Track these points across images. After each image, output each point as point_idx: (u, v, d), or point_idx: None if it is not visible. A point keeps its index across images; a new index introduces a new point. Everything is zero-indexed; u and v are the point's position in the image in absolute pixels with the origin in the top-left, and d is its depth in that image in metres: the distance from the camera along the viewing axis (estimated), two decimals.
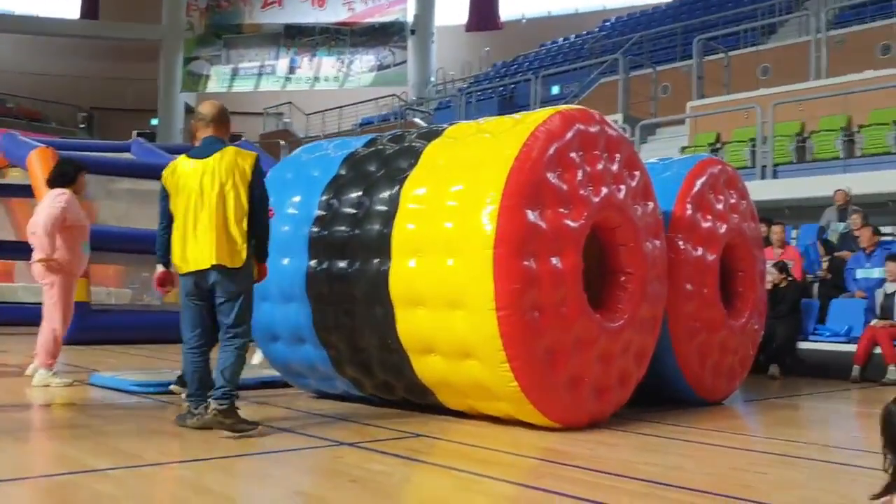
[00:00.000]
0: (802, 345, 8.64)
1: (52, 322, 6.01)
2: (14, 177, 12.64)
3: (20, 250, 13.51)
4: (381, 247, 4.68)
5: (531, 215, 4.29)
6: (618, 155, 4.85)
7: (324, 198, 5.13)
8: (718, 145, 13.23)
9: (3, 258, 14.27)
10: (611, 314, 4.73)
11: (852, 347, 8.11)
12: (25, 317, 12.34)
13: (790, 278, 8.77)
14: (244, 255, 4.23)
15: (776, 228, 9.70)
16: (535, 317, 4.24)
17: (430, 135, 5.05)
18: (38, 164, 10.09)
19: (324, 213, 5.09)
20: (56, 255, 5.90)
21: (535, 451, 3.98)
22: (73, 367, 6.94)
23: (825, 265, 9.32)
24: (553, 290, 4.30)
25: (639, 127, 14.13)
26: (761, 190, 11.24)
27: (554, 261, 4.34)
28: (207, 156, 4.32)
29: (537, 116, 4.61)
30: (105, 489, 3.00)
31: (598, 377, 4.56)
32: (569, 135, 4.54)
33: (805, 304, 8.89)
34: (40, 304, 6.18)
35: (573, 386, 4.43)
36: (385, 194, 4.83)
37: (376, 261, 4.73)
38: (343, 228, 4.94)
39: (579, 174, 4.55)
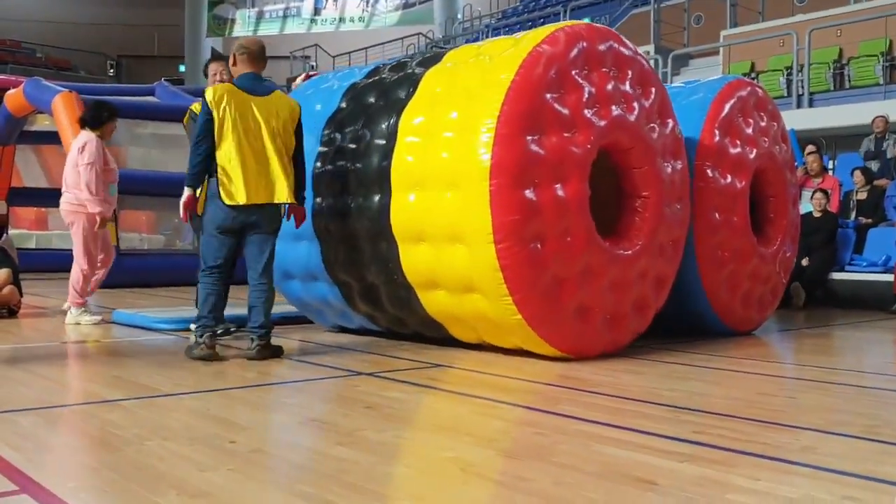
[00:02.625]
0: (838, 275, 8.43)
1: (79, 262, 6.08)
2: (44, 124, 12.65)
3: (53, 197, 13.68)
4: (382, 181, 4.56)
5: (530, 142, 4.10)
6: (630, 72, 4.59)
7: (326, 132, 5.01)
8: (753, 75, 12.82)
9: (36, 205, 14.43)
10: (624, 241, 4.56)
11: (890, 277, 7.89)
12: (60, 262, 12.54)
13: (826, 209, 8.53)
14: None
15: (811, 158, 9.41)
16: (538, 248, 4.10)
17: (431, 61, 4.85)
18: (62, 108, 10.07)
19: (326, 148, 4.97)
20: (82, 197, 5.94)
21: (554, 378, 3.90)
22: (101, 307, 6.98)
23: (864, 195, 9.03)
24: (556, 219, 4.12)
25: (671, 58, 13.72)
26: (798, 119, 10.90)
27: (557, 189, 4.15)
28: (265, 94, 4.36)
29: (538, 34, 4.36)
30: (114, 418, 2.98)
31: (611, 306, 4.42)
32: (573, 53, 4.30)
33: (841, 234, 8.65)
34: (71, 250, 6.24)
35: (582, 316, 4.29)
36: (383, 126, 4.68)
37: (377, 196, 4.61)
38: (344, 163, 4.82)
39: (585, 95, 4.32)
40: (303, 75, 5.58)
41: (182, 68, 29.03)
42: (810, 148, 9.54)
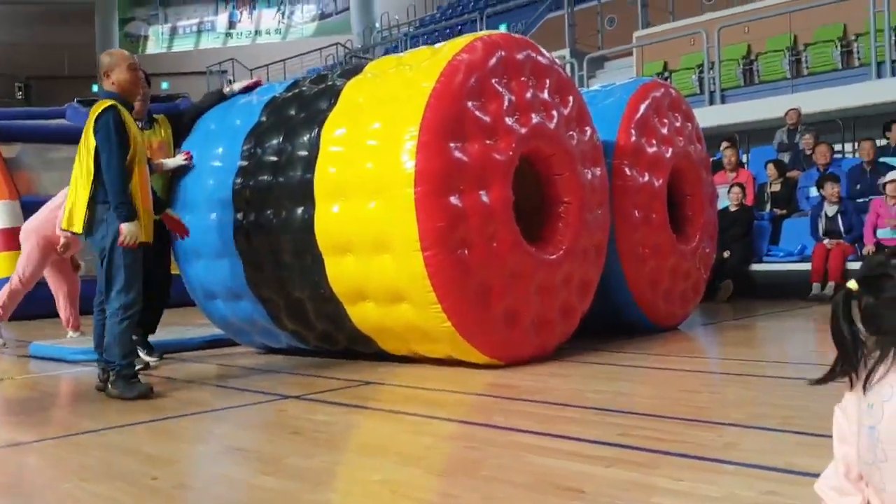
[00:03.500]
0: (756, 266, 8.68)
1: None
2: None
3: None
4: (305, 194, 4.50)
5: (453, 149, 4.11)
6: (547, 81, 4.66)
7: (246, 147, 4.92)
8: (666, 74, 13.12)
9: None
10: (549, 246, 4.61)
11: (806, 266, 8.15)
12: None
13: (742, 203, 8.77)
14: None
15: (728, 152, 9.68)
16: (464, 254, 4.10)
17: (351, 72, 4.84)
18: None
19: (246, 162, 4.88)
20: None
21: (484, 387, 3.90)
22: (17, 341, 6.71)
23: (777, 187, 9.32)
24: (482, 225, 4.15)
25: (586, 60, 13.95)
26: (711, 115, 11.20)
27: (481, 195, 4.17)
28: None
29: (456, 44, 4.40)
30: (29, 461, 2.85)
31: (537, 311, 4.46)
32: (491, 62, 4.34)
33: (757, 226, 8.91)
34: None
35: (510, 321, 4.32)
36: (305, 138, 4.63)
37: (301, 209, 4.55)
38: (266, 177, 4.75)
39: (505, 103, 4.36)
40: (241, 84, 5.43)
41: (95, 88, 28.24)
42: (725, 143, 9.82)
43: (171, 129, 5.17)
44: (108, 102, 4.03)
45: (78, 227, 4.02)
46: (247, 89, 5.35)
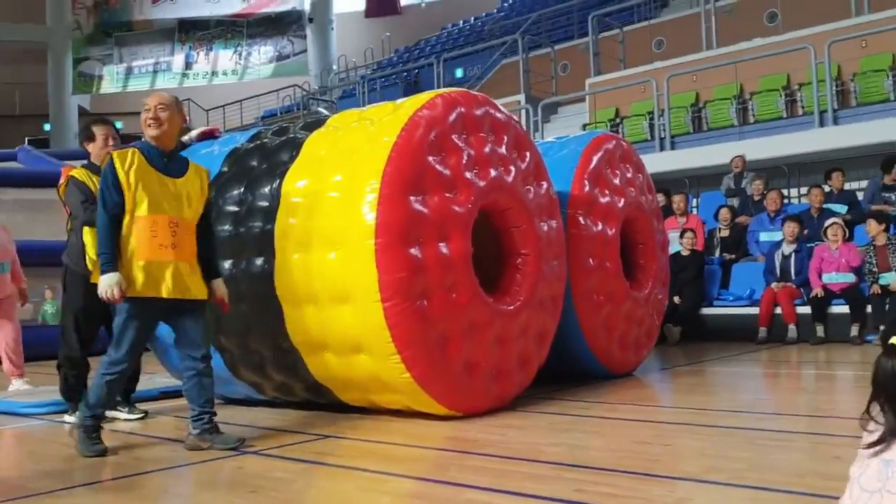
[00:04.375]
0: (707, 310, 8.87)
1: None
2: None
3: None
4: (264, 244, 4.53)
5: (414, 202, 4.20)
6: (505, 137, 4.80)
7: None
8: (618, 120, 13.44)
9: None
10: (507, 297, 4.70)
11: (756, 310, 8.36)
12: None
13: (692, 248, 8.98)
14: None
15: (677, 198, 9.93)
16: (424, 305, 4.17)
17: (313, 125, 4.91)
18: None
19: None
20: None
21: (442, 441, 3.92)
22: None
23: (727, 232, 9.56)
24: (441, 276, 4.23)
25: (540, 106, 14.23)
26: (661, 161, 11.49)
27: (441, 246, 4.26)
28: None
29: (417, 101, 4.52)
30: None
31: (496, 361, 4.53)
32: (451, 118, 4.46)
33: (707, 270, 9.12)
34: None
35: (469, 372, 4.38)
36: (266, 189, 4.68)
37: (260, 259, 4.58)
38: (226, 227, 4.77)
39: (464, 157, 4.48)
40: (198, 131, 5.45)
41: (47, 127, 27.93)
42: (662, 196, 10.04)
43: None
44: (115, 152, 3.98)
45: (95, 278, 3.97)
46: (203, 136, 5.38)
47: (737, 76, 12.65)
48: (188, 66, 28.16)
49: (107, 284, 3.79)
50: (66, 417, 4.96)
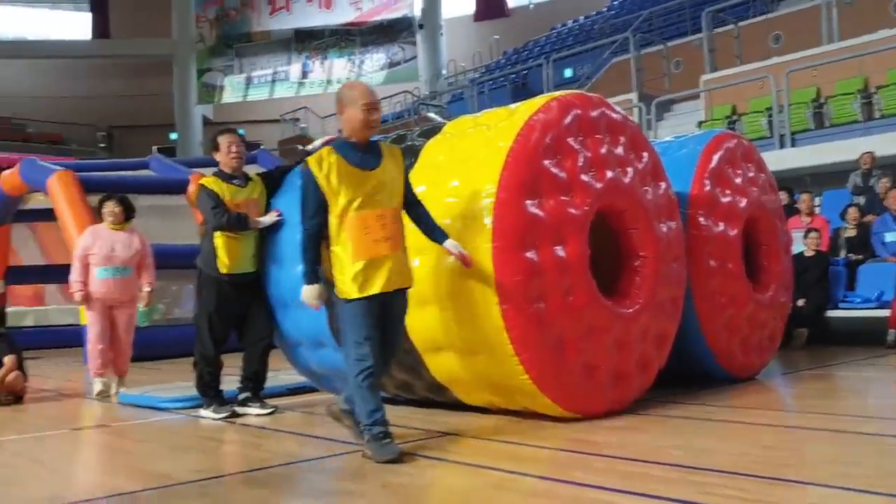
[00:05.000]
0: (833, 313, 8.53)
1: None
2: (38, 201, 12.79)
3: (49, 273, 13.72)
4: None
5: (530, 206, 4.25)
6: (621, 137, 4.78)
7: None
8: (735, 117, 13.08)
9: (33, 282, 14.50)
10: (626, 300, 4.68)
11: (885, 312, 7.98)
12: (58, 339, 12.59)
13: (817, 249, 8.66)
14: None
15: (804, 196, 9.58)
16: (541, 308, 4.21)
17: (430, 132, 5.03)
18: (58, 188, 10.22)
19: None
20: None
21: (564, 442, 3.95)
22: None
23: (853, 232, 9.17)
24: (558, 279, 4.25)
25: (654, 104, 14.00)
26: (781, 159, 11.11)
27: (557, 250, 4.29)
28: None
29: (532, 105, 4.56)
30: None
31: (615, 364, 4.52)
32: (567, 120, 4.48)
33: (833, 272, 8.77)
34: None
35: (588, 374, 4.39)
36: None
37: None
38: None
39: (580, 160, 4.49)
40: (321, 140, 5.68)
41: (173, 136, 29.37)
42: (784, 192, 9.69)
43: (264, 187, 5.40)
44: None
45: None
46: (326, 144, 5.58)
47: (861, 70, 12.09)
48: (305, 74, 29.04)
49: (306, 297, 3.90)
50: (202, 412, 5.25)
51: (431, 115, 21.54)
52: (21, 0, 31.47)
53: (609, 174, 4.59)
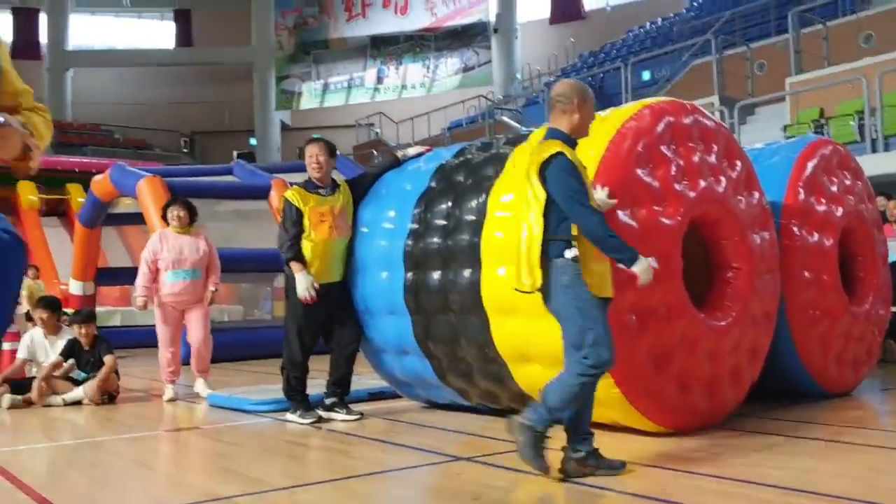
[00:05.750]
0: None
1: None
2: (126, 205, 13.23)
3: (135, 275, 14.14)
4: (472, 256, 4.66)
5: (621, 215, 4.16)
6: (715, 146, 4.67)
7: (416, 210, 5.15)
8: (822, 121, 12.65)
9: (121, 284, 14.99)
10: (718, 312, 4.55)
11: None
12: (144, 339, 12.98)
13: None
14: None
15: (891, 204, 9.20)
16: (633, 319, 4.12)
17: (517, 140, 5.00)
18: (147, 192, 10.55)
19: (417, 225, 5.11)
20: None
21: (656, 458, 3.86)
22: (187, 386, 7.13)
23: None
24: (651, 290, 4.14)
25: (737, 108, 13.66)
26: (873, 164, 10.67)
27: (650, 260, 4.18)
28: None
29: (624, 112, 4.47)
30: None
31: (707, 378, 4.39)
32: (659, 128, 4.38)
33: None
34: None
35: (680, 388, 4.28)
36: (473, 203, 4.81)
37: (468, 271, 4.71)
38: (435, 240, 4.95)
39: (673, 168, 4.39)
40: (415, 150, 5.74)
41: (253, 141, 30.03)
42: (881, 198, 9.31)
43: (351, 194, 5.45)
44: (554, 148, 3.61)
45: (536, 284, 3.61)
46: (419, 155, 5.62)
47: None
48: (380, 80, 29.35)
49: (645, 271, 3.55)
50: (288, 416, 5.32)
51: (505, 119, 21.50)
52: (110, 10, 32.63)
53: (702, 183, 4.48)
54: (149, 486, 3.73)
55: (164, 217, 6.94)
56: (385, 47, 29.30)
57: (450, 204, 4.95)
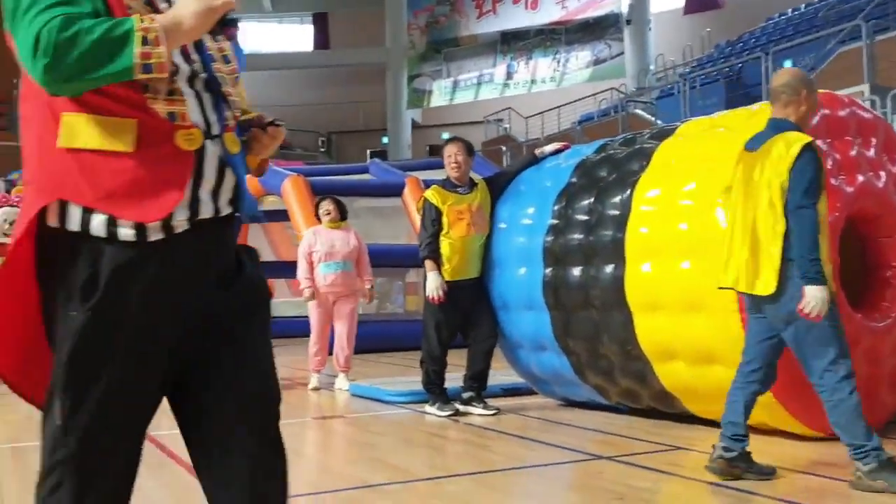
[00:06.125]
0: None
1: None
2: (271, 202, 13.84)
3: (278, 269, 14.82)
4: (615, 252, 4.64)
5: None
6: (873, 139, 4.44)
7: (556, 207, 5.17)
8: None
9: (266, 277, 15.68)
10: (876, 312, 4.34)
11: None
12: (285, 329, 13.58)
13: None
14: None
15: None
16: None
17: (662, 134, 4.93)
18: (291, 191, 11.03)
19: (557, 221, 5.12)
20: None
21: (806, 464, 3.73)
22: (329, 376, 7.31)
23: None
24: None
25: (890, 97, 12.86)
26: None
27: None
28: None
29: None
30: None
31: (864, 381, 4.15)
32: (813, 122, 4.20)
33: None
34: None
35: None
36: (617, 199, 4.78)
37: (611, 266, 4.68)
38: (577, 236, 4.95)
39: (829, 163, 4.20)
40: (553, 146, 5.77)
41: (385, 140, 30.70)
42: None
43: (488, 192, 5.53)
44: (807, 138, 3.42)
45: (770, 287, 3.34)
46: (557, 152, 5.63)
47: None
48: (509, 75, 29.35)
49: (818, 301, 3.24)
50: (426, 408, 5.45)
51: (639, 111, 21.07)
52: (254, 16, 34.13)
53: (860, 178, 4.28)
54: (302, 472, 3.92)
55: (316, 214, 7.26)
56: (515, 42, 29.24)
57: (592, 199, 4.94)
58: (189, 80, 1.62)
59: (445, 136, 28.60)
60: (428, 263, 5.29)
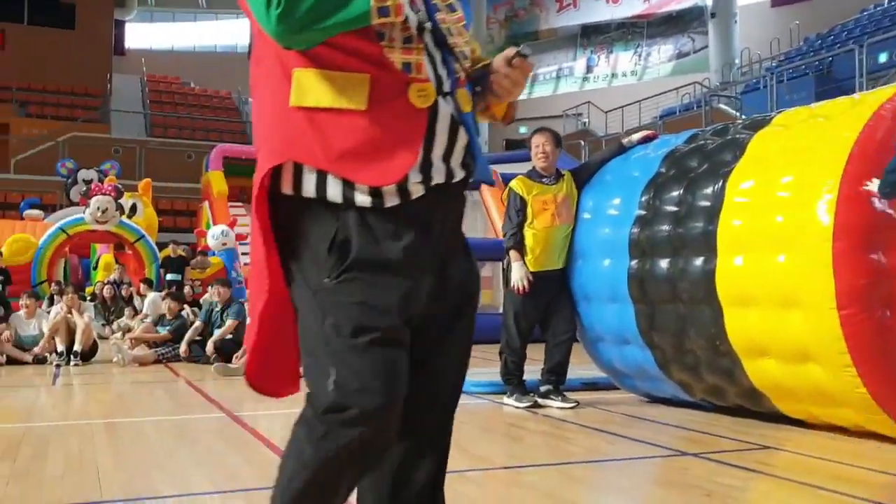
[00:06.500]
0: None
1: None
2: None
3: None
4: (706, 244, 4.52)
5: (877, 203, 3.87)
6: None
7: (644, 197, 5.07)
8: None
9: None
10: None
11: None
12: None
13: None
14: None
15: None
16: (886, 315, 3.82)
17: (757, 125, 4.78)
18: None
19: (644, 212, 5.02)
20: None
21: None
22: None
23: None
24: None
25: None
26: None
27: None
28: None
29: (881, 95, 4.16)
30: (468, 491, 3.20)
31: None
32: None
33: None
34: None
35: None
36: (708, 190, 4.66)
37: (701, 259, 4.57)
38: (665, 227, 4.85)
39: None
40: (640, 135, 5.68)
41: (523, 130, 30.76)
42: None
43: (574, 183, 5.47)
44: None
45: None
46: (644, 140, 5.54)
47: None
48: (589, 69, 29.05)
49: None
50: (505, 399, 5.44)
51: (722, 106, 20.59)
52: None
53: None
54: None
55: None
56: (596, 36, 28.92)
57: (681, 190, 4.83)
58: (417, 31, 1.50)
59: (523, 130, 28.50)
60: (513, 254, 5.27)
